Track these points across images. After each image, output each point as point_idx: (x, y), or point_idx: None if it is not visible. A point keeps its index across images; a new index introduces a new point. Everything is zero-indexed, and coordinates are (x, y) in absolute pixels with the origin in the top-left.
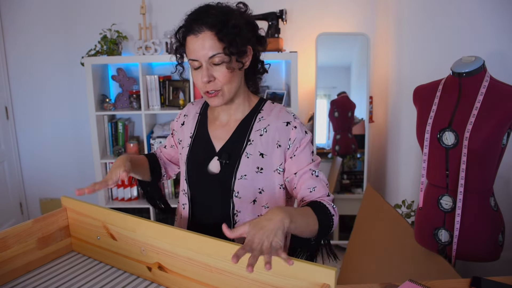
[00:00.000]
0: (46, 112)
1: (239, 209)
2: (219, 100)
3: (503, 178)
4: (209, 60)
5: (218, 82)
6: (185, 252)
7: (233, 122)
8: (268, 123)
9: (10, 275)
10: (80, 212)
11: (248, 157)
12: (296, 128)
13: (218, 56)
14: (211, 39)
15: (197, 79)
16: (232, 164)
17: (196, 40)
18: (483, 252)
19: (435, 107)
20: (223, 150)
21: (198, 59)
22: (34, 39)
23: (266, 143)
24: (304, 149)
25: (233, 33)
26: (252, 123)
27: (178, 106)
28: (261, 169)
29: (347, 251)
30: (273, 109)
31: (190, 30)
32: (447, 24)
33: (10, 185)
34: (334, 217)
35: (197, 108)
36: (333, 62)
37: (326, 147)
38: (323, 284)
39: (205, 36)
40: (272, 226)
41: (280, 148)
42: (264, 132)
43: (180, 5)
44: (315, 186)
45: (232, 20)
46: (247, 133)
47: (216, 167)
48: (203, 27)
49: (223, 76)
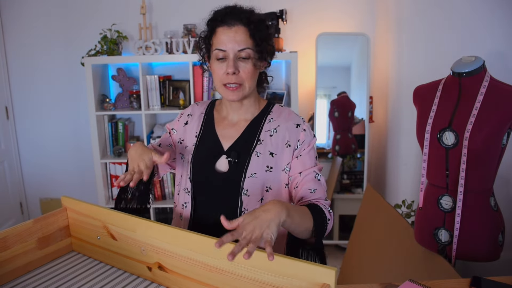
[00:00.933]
0: (46, 112)
1: (246, 207)
2: (238, 94)
3: (503, 178)
4: (238, 53)
5: (241, 77)
6: (185, 252)
7: (242, 122)
8: (278, 124)
9: (10, 275)
10: (80, 212)
11: (258, 156)
12: (306, 131)
13: (247, 51)
14: (244, 33)
15: (220, 69)
16: (242, 162)
17: (229, 31)
18: (483, 252)
19: (435, 107)
20: (232, 148)
21: (226, 49)
22: (34, 39)
23: (276, 143)
24: (310, 151)
25: (265, 33)
26: (262, 123)
27: (178, 106)
28: (270, 168)
29: (347, 251)
30: (282, 111)
31: (224, 22)
32: (447, 24)
33: (10, 185)
34: (329, 221)
35: (202, 109)
36: (333, 62)
37: (326, 147)
38: (323, 284)
39: (238, 29)
40: (268, 217)
41: (289, 148)
42: (274, 132)
43: (180, 5)
44: (316, 188)
45: (264, 22)
46: (257, 132)
47: (224, 166)
48: (237, 21)
49: (247, 72)
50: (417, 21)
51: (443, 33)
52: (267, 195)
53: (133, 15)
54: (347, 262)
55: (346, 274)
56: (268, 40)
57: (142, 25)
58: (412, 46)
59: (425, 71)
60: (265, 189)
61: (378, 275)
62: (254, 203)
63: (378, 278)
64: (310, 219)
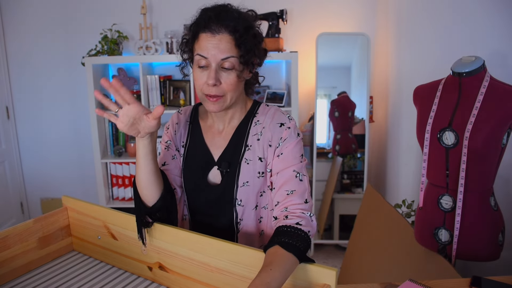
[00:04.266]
0: (47, 112)
1: (242, 217)
2: (219, 106)
3: (503, 177)
4: (220, 63)
5: (223, 88)
6: (186, 252)
7: (229, 128)
8: (264, 125)
9: (11, 275)
10: (80, 212)
11: (248, 163)
12: (290, 129)
13: (230, 60)
14: (229, 42)
15: (200, 78)
16: (233, 172)
17: (213, 39)
18: (483, 252)
19: (435, 107)
20: (222, 158)
21: (208, 57)
22: (35, 39)
23: (262, 146)
24: (293, 149)
25: (252, 43)
26: (248, 128)
27: (179, 106)
28: (262, 174)
29: (347, 251)
30: (268, 111)
31: (208, 28)
32: (447, 24)
33: (11, 184)
34: (311, 236)
35: (186, 117)
36: (334, 62)
37: (326, 147)
38: (323, 284)
39: (222, 38)
40: None
41: (271, 147)
42: (260, 135)
43: (180, 5)
44: (294, 189)
45: (253, 30)
46: (244, 138)
47: (216, 177)
48: (223, 28)
49: (230, 83)
50: (417, 21)
51: (443, 33)
52: (261, 199)
53: (134, 15)
54: (347, 261)
55: (346, 273)
56: (255, 49)
57: (143, 25)
58: (412, 46)
59: (425, 71)
60: (259, 194)
61: (378, 274)
62: (248, 212)
63: (378, 277)
64: (295, 262)
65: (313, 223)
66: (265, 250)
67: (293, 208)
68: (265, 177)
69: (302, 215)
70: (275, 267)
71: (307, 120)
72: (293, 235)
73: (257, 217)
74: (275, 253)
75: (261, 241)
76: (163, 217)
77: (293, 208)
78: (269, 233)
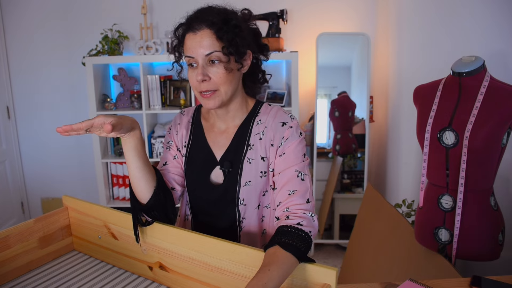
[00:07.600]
0: (48, 112)
1: (244, 216)
2: (214, 102)
3: (503, 177)
4: (206, 58)
5: (214, 82)
6: (186, 252)
7: (231, 128)
8: (266, 125)
9: (12, 274)
10: (81, 211)
11: (250, 162)
12: (292, 128)
13: (215, 55)
14: (210, 37)
15: (192, 78)
16: (235, 171)
17: (195, 37)
18: (483, 251)
19: (435, 107)
20: (224, 158)
21: (194, 56)
22: (35, 39)
23: (264, 146)
24: (295, 149)
25: (233, 33)
26: (250, 127)
27: (179, 105)
28: (264, 173)
29: (347, 251)
30: (270, 111)
31: (190, 28)
32: (447, 24)
33: (12, 184)
34: (312, 236)
35: (188, 117)
36: (334, 62)
37: (326, 147)
38: (324, 284)
39: (203, 34)
40: None
41: (272, 147)
42: (262, 135)
43: (180, 5)
44: (296, 189)
45: (233, 20)
46: (246, 137)
47: (219, 177)
48: (203, 25)
49: (219, 76)
50: (417, 21)
51: (443, 33)
52: (263, 199)
53: (134, 15)
54: (348, 261)
55: (347, 273)
56: (240, 38)
57: (143, 25)
58: (412, 46)
59: (425, 71)
60: (262, 194)
61: (378, 274)
62: (251, 212)
63: (378, 277)
64: (294, 262)
65: (314, 223)
66: (265, 250)
67: (295, 208)
68: (267, 177)
69: (303, 215)
70: (274, 267)
71: (307, 120)
72: (293, 235)
73: (259, 216)
74: (274, 253)
75: (263, 240)
76: (160, 215)
77: (295, 208)
78: (271, 232)
